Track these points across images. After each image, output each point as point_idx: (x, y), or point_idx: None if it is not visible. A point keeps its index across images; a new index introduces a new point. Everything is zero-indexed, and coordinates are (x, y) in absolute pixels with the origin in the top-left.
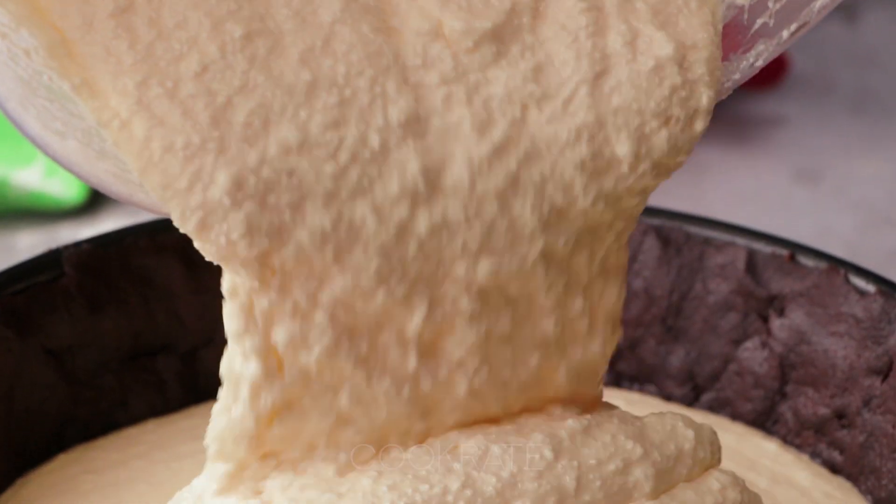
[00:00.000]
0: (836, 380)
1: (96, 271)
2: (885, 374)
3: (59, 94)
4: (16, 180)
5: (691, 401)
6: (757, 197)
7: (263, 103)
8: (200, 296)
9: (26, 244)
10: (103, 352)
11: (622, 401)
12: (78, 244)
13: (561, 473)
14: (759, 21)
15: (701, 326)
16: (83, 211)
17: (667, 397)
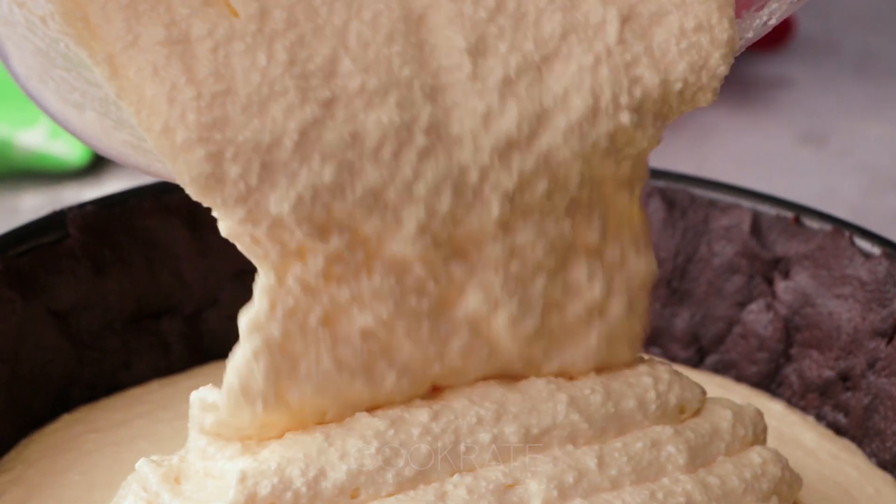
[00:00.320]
0: (840, 342)
1: (100, 233)
2: (889, 337)
3: (76, 62)
4: (20, 141)
5: (696, 363)
6: (762, 159)
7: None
8: (205, 257)
9: (30, 205)
10: (107, 313)
11: None
12: (82, 205)
13: (581, 454)
14: None
15: (706, 289)
16: (87, 172)
17: (671, 359)
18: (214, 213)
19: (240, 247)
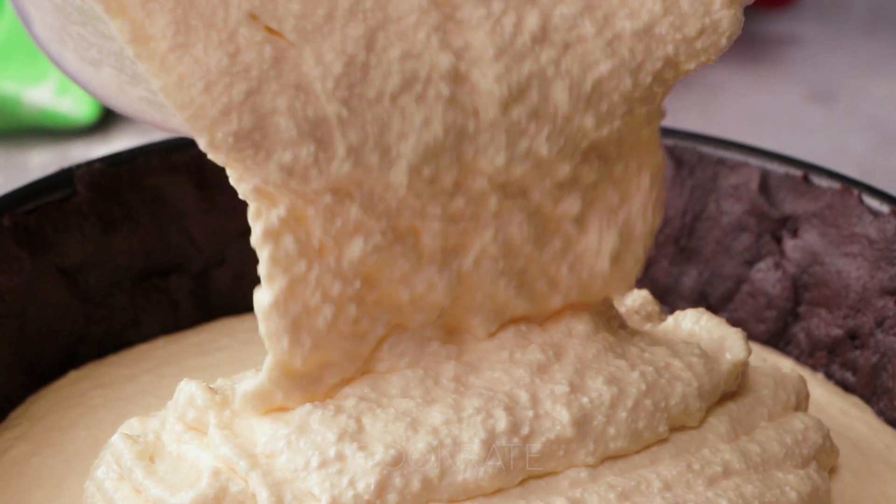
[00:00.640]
0: (849, 301)
1: (108, 190)
2: None
3: (91, 16)
4: (27, 98)
5: None
6: (770, 117)
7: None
8: (213, 215)
9: (38, 163)
10: (115, 271)
11: None
12: (90, 163)
13: (619, 428)
14: None
15: (714, 247)
16: (95, 129)
17: None
18: (224, 164)
19: (247, 194)
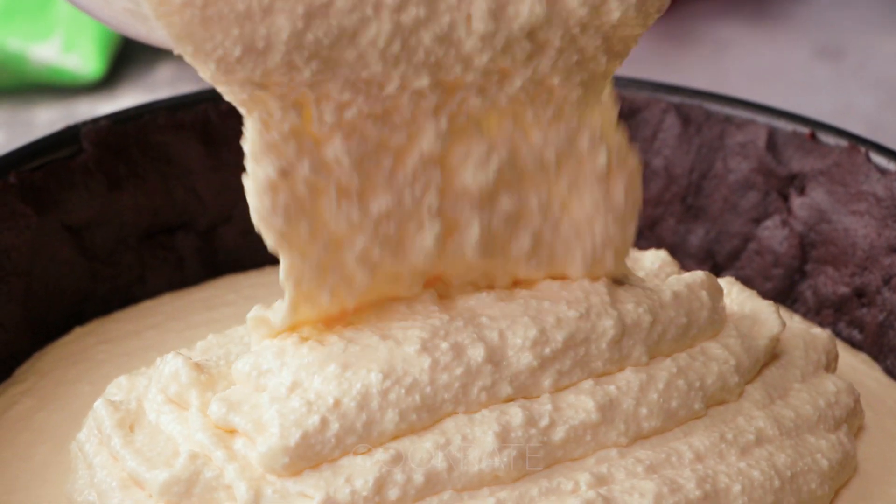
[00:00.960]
0: (856, 258)
1: (114, 148)
2: None
3: None
4: (33, 55)
5: None
6: (778, 74)
7: None
8: (219, 173)
9: (44, 119)
10: (122, 228)
11: None
12: (96, 120)
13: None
14: None
15: (721, 205)
16: (101, 86)
17: None
18: (197, 64)
19: (229, 96)
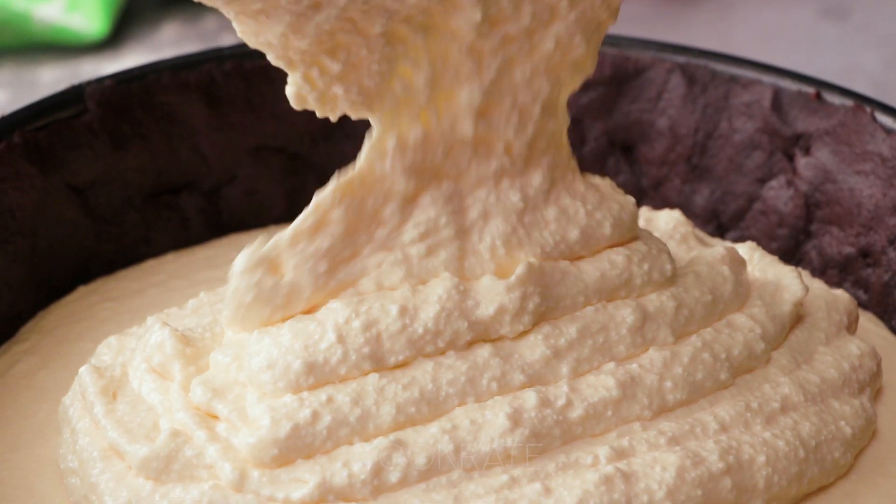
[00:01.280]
0: (861, 219)
1: (119, 108)
2: None
3: None
4: (38, 14)
5: None
6: (783, 34)
7: None
8: (223, 133)
9: (48, 79)
10: (126, 188)
11: None
12: (100, 80)
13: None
14: None
15: (726, 165)
16: (105, 46)
17: None
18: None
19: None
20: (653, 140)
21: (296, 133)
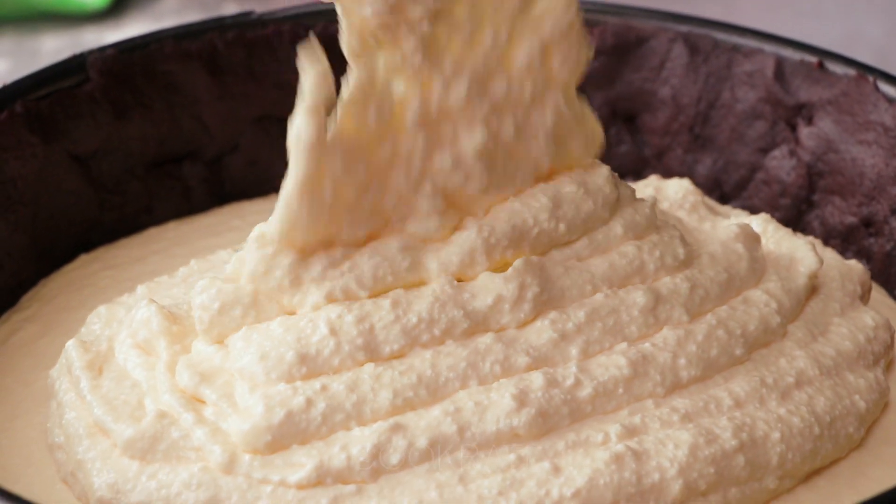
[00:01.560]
0: (863, 188)
1: (121, 77)
2: None
3: None
4: None
5: None
6: (786, 2)
7: None
8: (226, 102)
9: (50, 48)
10: (129, 158)
11: None
12: (102, 49)
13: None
14: None
15: (728, 135)
16: (107, 15)
17: None
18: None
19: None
20: (655, 110)
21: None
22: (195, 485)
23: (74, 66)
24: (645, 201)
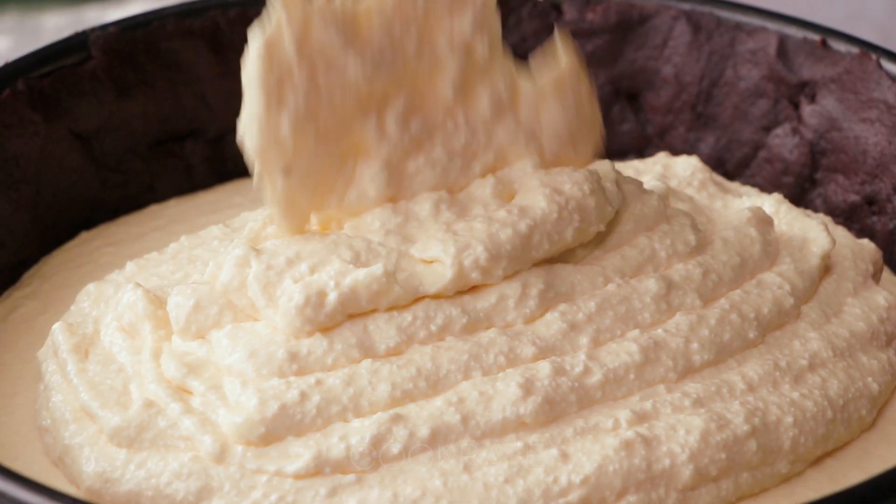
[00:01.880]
0: (866, 166)
1: (123, 55)
2: None
3: None
4: None
5: None
6: None
7: None
8: (228, 80)
9: (52, 26)
10: (131, 136)
11: None
12: (104, 27)
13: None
14: None
15: (731, 113)
16: None
17: None
18: None
19: None
20: (658, 88)
21: None
22: (186, 474)
23: (77, 44)
24: (652, 193)
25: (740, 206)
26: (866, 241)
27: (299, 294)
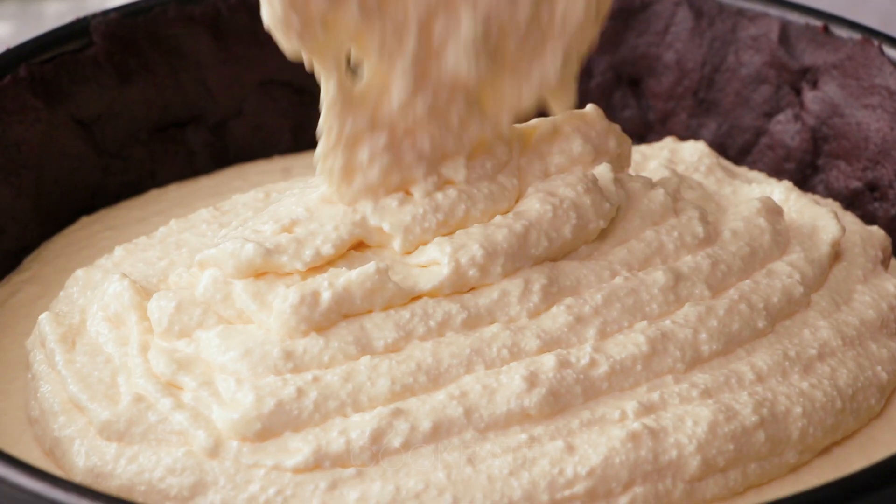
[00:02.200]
0: (868, 152)
1: (124, 41)
2: None
3: None
4: None
5: None
6: None
7: None
8: (229, 66)
9: (54, 12)
10: (132, 122)
11: None
12: (106, 13)
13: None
14: None
15: (733, 99)
16: None
17: None
18: None
19: None
20: (659, 74)
21: (302, 67)
22: (179, 469)
23: (78, 30)
24: (659, 189)
25: (750, 193)
26: (875, 228)
27: (294, 294)
